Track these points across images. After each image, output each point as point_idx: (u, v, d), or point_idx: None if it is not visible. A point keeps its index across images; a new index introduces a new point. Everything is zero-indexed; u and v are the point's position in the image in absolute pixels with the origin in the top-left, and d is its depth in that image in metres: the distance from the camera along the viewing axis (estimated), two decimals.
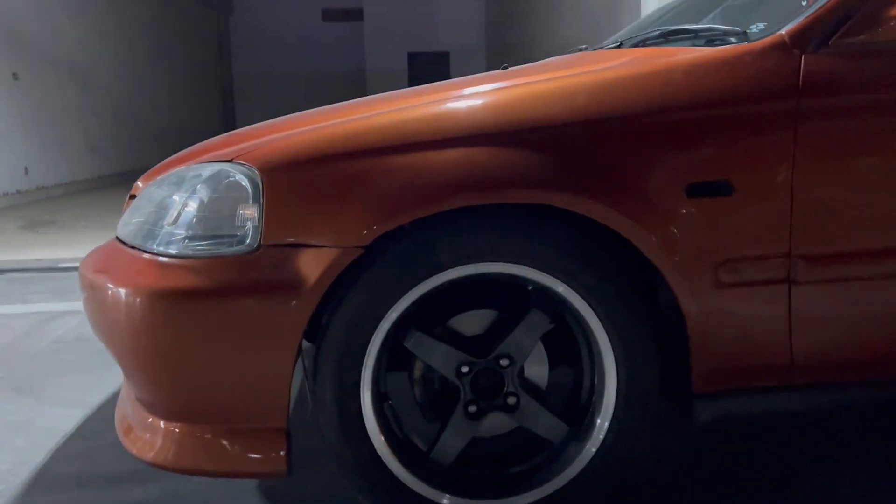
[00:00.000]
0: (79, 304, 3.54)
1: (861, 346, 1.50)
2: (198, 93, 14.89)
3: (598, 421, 1.46)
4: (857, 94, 1.43)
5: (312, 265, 1.36)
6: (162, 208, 1.52)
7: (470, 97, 1.64)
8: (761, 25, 1.58)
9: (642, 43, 1.87)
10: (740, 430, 2.03)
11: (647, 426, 1.47)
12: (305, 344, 1.48)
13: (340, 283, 1.38)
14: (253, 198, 1.41)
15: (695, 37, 1.68)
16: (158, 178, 1.63)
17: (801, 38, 1.44)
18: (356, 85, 16.04)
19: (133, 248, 1.53)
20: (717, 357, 1.45)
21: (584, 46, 2.45)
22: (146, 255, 1.48)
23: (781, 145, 1.40)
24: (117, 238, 1.64)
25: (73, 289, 3.23)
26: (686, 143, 1.41)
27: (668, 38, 1.79)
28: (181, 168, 1.58)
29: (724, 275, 1.41)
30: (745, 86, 1.42)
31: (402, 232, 1.38)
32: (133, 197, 1.78)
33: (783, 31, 1.46)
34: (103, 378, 2.57)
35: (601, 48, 2.25)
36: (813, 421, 2.03)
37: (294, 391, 1.49)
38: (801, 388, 1.51)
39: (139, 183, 1.81)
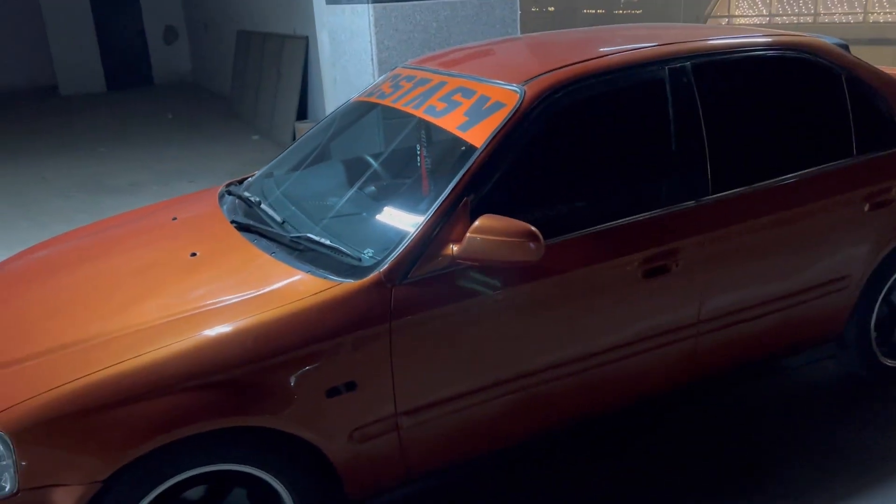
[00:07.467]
0: None
1: (446, 449, 2.42)
2: None
3: None
4: (427, 309, 2.25)
5: (66, 499, 1.89)
6: None
7: (167, 344, 2.05)
8: (371, 251, 2.31)
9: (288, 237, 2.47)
10: None
11: None
12: None
13: None
14: (4, 454, 1.88)
15: (329, 250, 2.36)
16: None
17: (391, 275, 2.21)
18: None
19: None
20: (359, 480, 2.27)
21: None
22: None
23: (384, 352, 2.18)
24: None
25: None
26: (322, 362, 2.13)
27: (304, 244, 2.41)
28: None
29: (357, 435, 2.20)
30: (359, 316, 2.16)
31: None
32: None
33: (381, 270, 2.21)
34: None
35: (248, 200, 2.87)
36: None
37: None
38: (417, 480, 2.40)
39: None
